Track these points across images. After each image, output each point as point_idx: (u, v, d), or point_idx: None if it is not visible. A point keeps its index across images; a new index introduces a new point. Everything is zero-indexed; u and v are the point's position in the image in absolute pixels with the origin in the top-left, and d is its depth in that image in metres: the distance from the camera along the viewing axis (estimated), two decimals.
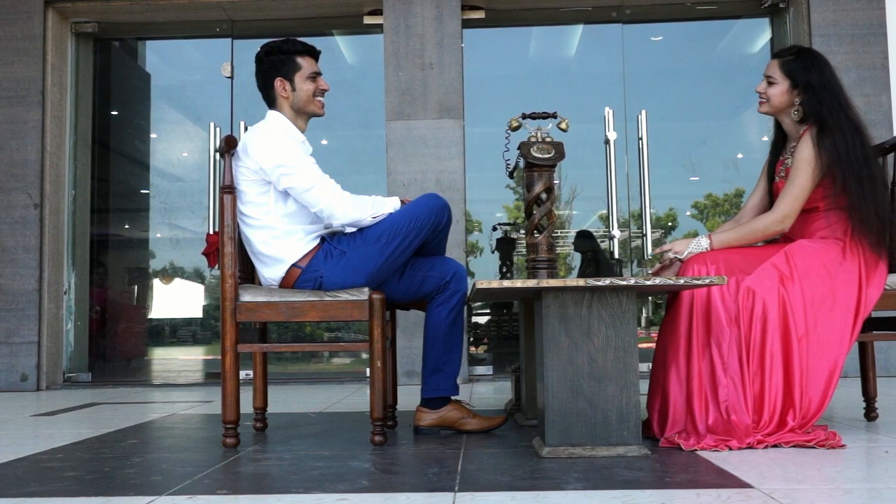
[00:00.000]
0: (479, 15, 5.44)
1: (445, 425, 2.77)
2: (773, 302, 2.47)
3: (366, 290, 2.57)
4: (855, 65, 5.01)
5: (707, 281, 2.22)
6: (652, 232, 5.45)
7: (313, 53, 2.81)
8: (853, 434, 2.58)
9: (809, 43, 5.03)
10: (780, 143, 2.84)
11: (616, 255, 5.54)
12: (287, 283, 2.64)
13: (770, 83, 2.72)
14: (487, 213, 8.00)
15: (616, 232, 5.41)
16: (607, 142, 5.41)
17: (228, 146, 2.58)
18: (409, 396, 3.70)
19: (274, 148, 2.58)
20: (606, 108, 5.42)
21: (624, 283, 2.21)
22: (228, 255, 2.56)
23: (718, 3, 5.57)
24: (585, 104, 5.55)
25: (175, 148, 7.28)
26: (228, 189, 2.58)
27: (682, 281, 2.22)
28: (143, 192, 7.13)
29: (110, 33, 5.92)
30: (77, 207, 5.63)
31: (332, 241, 2.66)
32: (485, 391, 4.62)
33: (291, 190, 2.58)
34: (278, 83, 2.72)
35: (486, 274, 7.88)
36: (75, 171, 5.61)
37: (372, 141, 5.64)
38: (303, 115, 2.77)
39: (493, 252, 7.38)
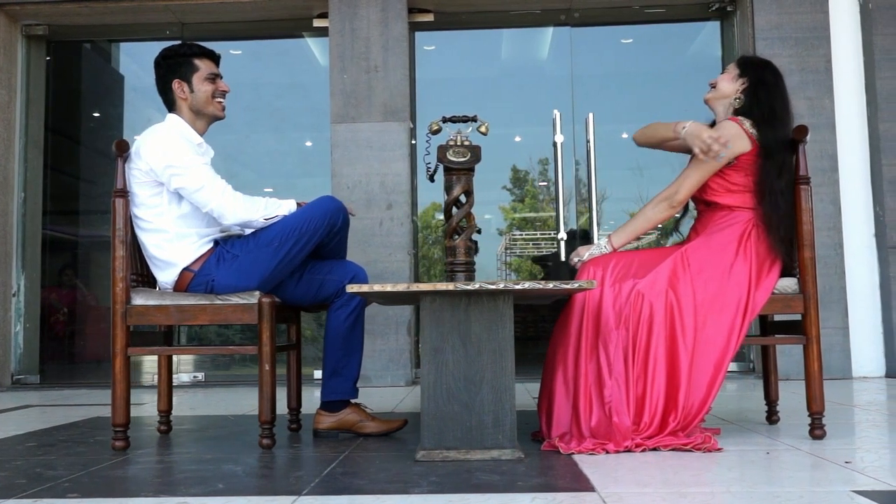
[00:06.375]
0: (428, 18, 5.45)
1: (344, 428, 2.78)
2: (660, 305, 2.48)
3: (256, 293, 2.58)
4: (798, 68, 5.01)
5: (576, 285, 2.23)
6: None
7: (212, 56, 2.81)
8: (745, 437, 2.59)
9: (753, 46, 5.04)
10: None
11: (563, 258, 5.54)
12: (180, 286, 2.65)
13: (722, 72, 2.80)
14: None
15: (563, 234, 5.42)
16: (555, 145, 5.42)
17: (120, 150, 2.58)
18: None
19: (164, 149, 2.59)
20: (555, 111, 5.43)
21: (493, 286, 2.22)
22: (119, 259, 2.56)
23: (667, 7, 5.58)
24: (559, 107, 5.55)
25: None
26: (120, 193, 2.59)
27: (550, 285, 2.22)
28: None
29: (62, 36, 5.92)
30: (28, 209, 5.63)
31: (225, 244, 2.67)
32: None
33: (182, 190, 2.59)
34: (176, 85, 2.73)
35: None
36: (25, 173, 5.61)
37: (322, 143, 5.65)
38: (203, 118, 2.77)
39: None
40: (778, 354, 4.69)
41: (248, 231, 2.71)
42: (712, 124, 2.82)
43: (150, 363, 6.73)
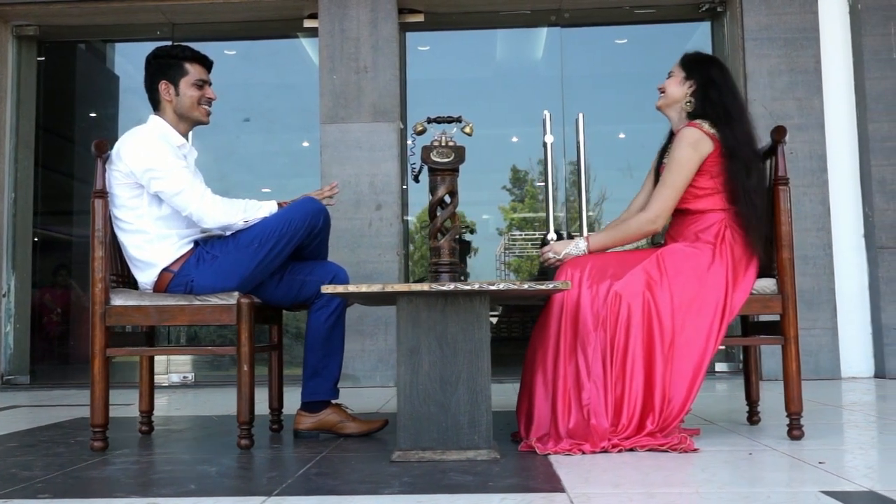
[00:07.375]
0: (419, 18, 5.45)
1: (325, 429, 2.78)
2: (637, 307, 2.48)
3: (235, 294, 2.58)
4: (787, 68, 5.01)
5: (551, 286, 2.23)
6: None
7: (204, 62, 2.81)
8: (724, 437, 2.59)
9: (742, 47, 5.05)
10: (668, 145, 2.85)
11: None
12: (160, 287, 2.65)
13: (668, 76, 2.78)
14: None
15: (553, 235, 5.42)
16: (545, 145, 5.42)
17: (99, 150, 2.59)
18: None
19: (144, 152, 2.59)
20: (544, 112, 5.43)
21: (468, 287, 2.22)
22: (98, 260, 2.56)
23: (658, 7, 5.58)
24: (551, 107, 5.56)
25: None
26: (100, 194, 2.59)
27: (525, 286, 2.22)
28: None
29: (54, 36, 5.93)
30: (18, 210, 5.63)
31: (205, 245, 2.67)
32: None
33: (161, 194, 2.60)
34: (162, 86, 2.73)
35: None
36: (16, 173, 5.61)
37: (313, 143, 5.65)
38: (186, 121, 2.78)
39: None
40: (764, 355, 4.73)
41: (228, 232, 2.71)
42: (671, 134, 2.82)
43: (132, 366, 6.71)
